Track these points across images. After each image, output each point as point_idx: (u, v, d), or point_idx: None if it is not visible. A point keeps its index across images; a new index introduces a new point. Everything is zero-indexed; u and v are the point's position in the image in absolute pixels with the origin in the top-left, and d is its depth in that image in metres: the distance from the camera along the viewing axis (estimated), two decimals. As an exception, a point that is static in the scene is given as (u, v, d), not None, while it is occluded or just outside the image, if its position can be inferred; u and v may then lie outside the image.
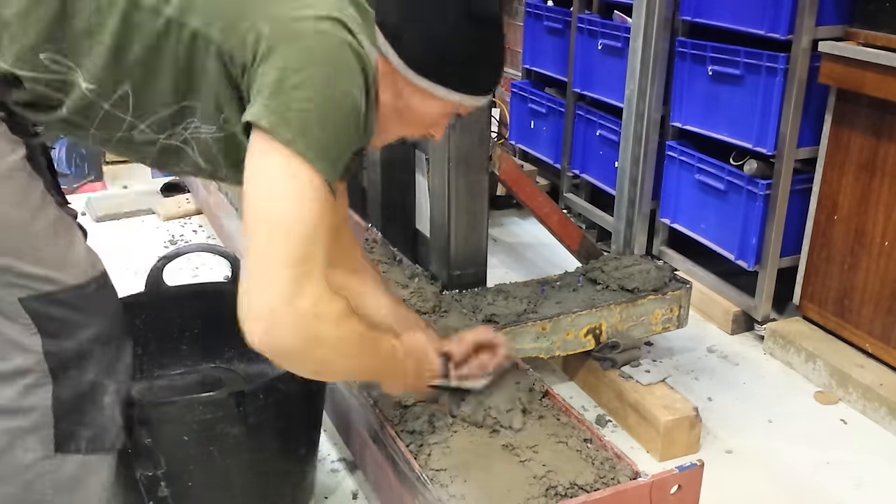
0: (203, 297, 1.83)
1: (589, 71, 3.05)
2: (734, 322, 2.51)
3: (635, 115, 2.28)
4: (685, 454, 1.93)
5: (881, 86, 2.00)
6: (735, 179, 2.43)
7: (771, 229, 2.35)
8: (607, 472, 1.37)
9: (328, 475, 1.85)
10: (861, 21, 2.12)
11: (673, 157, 2.67)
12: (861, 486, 1.87)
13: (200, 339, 1.85)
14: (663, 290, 2.15)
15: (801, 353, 2.29)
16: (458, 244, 2.08)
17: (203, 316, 1.83)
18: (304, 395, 1.56)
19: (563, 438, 1.47)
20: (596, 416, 2.07)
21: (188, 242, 3.14)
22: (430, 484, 1.36)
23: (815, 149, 2.29)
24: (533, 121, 3.49)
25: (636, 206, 2.38)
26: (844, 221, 2.22)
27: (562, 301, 2.08)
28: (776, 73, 2.23)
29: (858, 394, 2.12)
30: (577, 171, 3.23)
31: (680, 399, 1.97)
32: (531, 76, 3.54)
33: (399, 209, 2.52)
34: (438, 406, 1.55)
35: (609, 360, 2.08)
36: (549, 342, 2.02)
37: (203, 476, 1.47)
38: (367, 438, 1.61)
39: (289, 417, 1.55)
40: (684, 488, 1.35)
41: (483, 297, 2.06)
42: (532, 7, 3.38)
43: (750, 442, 2.01)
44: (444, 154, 2.01)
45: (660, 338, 2.39)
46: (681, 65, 2.58)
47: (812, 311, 2.37)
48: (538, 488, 1.34)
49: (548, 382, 1.67)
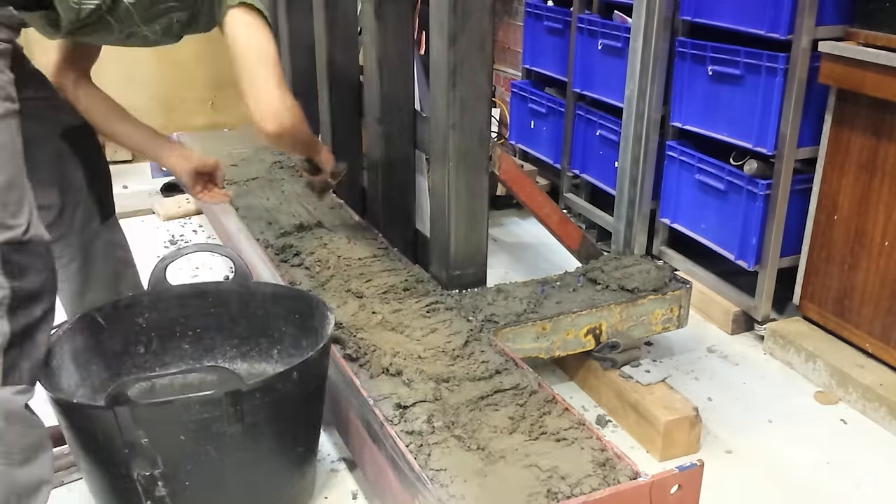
0: (205, 297, 1.84)
1: (589, 71, 3.05)
2: (734, 322, 2.51)
3: (635, 115, 2.28)
4: (685, 454, 1.93)
5: (881, 86, 2.00)
6: (735, 179, 2.43)
7: (771, 229, 2.35)
8: (607, 472, 1.37)
9: (328, 475, 1.85)
10: (861, 21, 2.12)
11: (673, 157, 2.67)
12: (861, 486, 1.87)
13: (202, 338, 1.86)
14: (663, 290, 2.15)
15: (801, 353, 2.29)
16: (458, 244, 2.08)
17: (205, 315, 1.84)
18: (301, 394, 1.56)
19: (563, 438, 1.47)
20: (596, 416, 2.07)
21: (188, 242, 3.14)
22: (430, 484, 1.36)
23: (815, 149, 2.29)
24: (533, 121, 3.49)
25: (636, 206, 2.38)
26: (844, 221, 2.22)
27: (562, 301, 2.08)
28: (776, 73, 2.23)
29: (858, 394, 2.13)
30: (577, 171, 3.23)
31: (680, 399, 1.97)
32: (531, 76, 3.55)
33: (399, 209, 2.52)
34: None
35: (609, 360, 2.08)
36: (549, 342, 2.02)
37: (200, 475, 1.48)
38: (367, 438, 1.61)
39: (287, 417, 1.55)
40: (684, 488, 1.35)
41: (483, 297, 2.06)
42: (532, 7, 3.38)
43: (750, 442, 2.01)
44: (444, 154, 2.01)
45: (660, 338, 2.39)
46: (681, 65, 2.58)
47: (812, 311, 2.37)
48: (538, 488, 1.34)
49: (548, 382, 1.67)
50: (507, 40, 4.01)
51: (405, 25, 2.34)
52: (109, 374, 1.72)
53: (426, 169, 2.50)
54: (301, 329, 1.82)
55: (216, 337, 1.87)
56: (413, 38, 2.44)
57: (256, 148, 3.27)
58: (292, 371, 1.51)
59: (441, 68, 1.95)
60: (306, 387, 1.57)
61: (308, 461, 1.68)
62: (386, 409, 1.56)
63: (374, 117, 2.42)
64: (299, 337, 1.83)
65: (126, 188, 3.69)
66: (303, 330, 1.82)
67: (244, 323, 1.87)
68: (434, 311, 1.95)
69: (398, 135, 2.43)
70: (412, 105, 2.44)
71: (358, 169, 2.80)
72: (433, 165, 2.12)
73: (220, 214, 2.77)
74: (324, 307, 1.74)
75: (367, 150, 2.56)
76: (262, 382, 1.47)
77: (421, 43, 3.21)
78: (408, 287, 2.05)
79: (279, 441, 1.56)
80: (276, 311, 1.85)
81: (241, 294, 1.85)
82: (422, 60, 2.61)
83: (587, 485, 1.34)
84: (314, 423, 1.68)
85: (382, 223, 2.50)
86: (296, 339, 1.84)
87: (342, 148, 2.77)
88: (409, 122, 2.43)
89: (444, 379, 1.66)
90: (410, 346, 1.78)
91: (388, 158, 2.44)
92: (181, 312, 1.83)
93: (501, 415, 1.55)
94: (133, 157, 4.13)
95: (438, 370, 1.69)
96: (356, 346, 1.77)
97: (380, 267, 2.16)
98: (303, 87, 3.09)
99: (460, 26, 1.89)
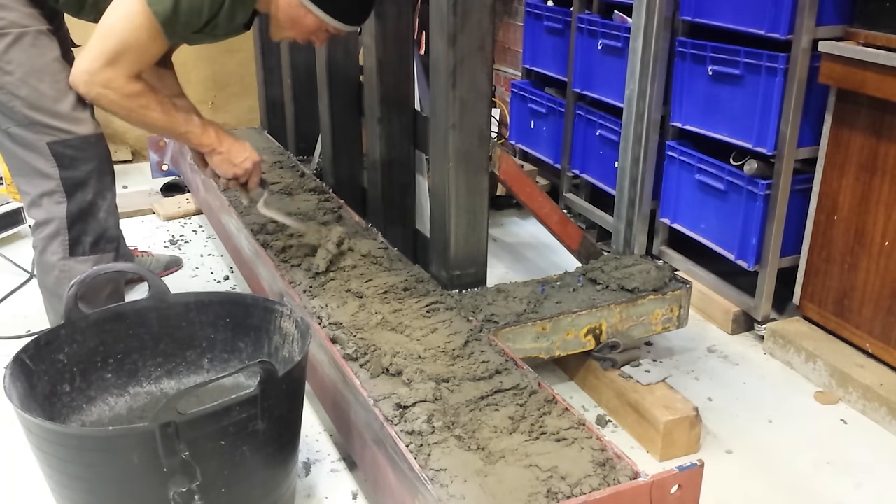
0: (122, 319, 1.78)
1: (589, 71, 3.05)
2: (734, 322, 2.51)
3: (635, 115, 2.28)
4: (685, 454, 1.93)
5: (881, 86, 2.00)
6: (735, 179, 2.43)
7: (771, 229, 2.35)
8: (607, 472, 1.37)
9: (328, 475, 1.85)
10: (861, 21, 2.12)
11: (673, 157, 2.67)
12: (861, 486, 1.87)
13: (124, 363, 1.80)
14: (663, 290, 2.15)
15: (801, 353, 2.29)
16: (458, 244, 2.08)
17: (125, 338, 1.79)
18: (303, 379, 1.60)
19: (563, 438, 1.47)
20: (596, 416, 2.07)
21: (188, 242, 3.14)
22: (430, 484, 1.36)
23: (815, 149, 2.29)
24: (533, 121, 3.49)
25: (636, 206, 2.38)
26: (844, 221, 2.22)
27: (562, 301, 2.08)
28: (776, 73, 2.23)
29: (858, 394, 2.12)
30: (577, 171, 3.23)
31: (680, 399, 1.97)
32: (531, 76, 3.55)
33: (399, 209, 2.52)
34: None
35: (609, 360, 2.08)
36: (549, 342, 2.02)
37: (235, 479, 1.45)
38: (367, 438, 1.61)
39: (298, 404, 1.57)
40: (684, 488, 1.35)
41: (483, 297, 2.06)
42: (532, 7, 3.38)
43: (750, 442, 2.01)
44: (444, 154, 2.01)
45: (660, 338, 2.39)
46: (681, 65, 2.58)
47: (812, 310, 2.37)
48: (538, 488, 1.34)
49: (548, 382, 1.67)
50: (507, 40, 4.01)
51: (405, 25, 2.34)
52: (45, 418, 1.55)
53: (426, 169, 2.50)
54: (234, 332, 1.81)
55: (138, 360, 1.81)
56: (413, 38, 2.44)
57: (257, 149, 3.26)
58: (305, 360, 1.54)
59: (441, 68, 1.95)
60: (304, 372, 1.59)
61: (297, 447, 1.68)
62: (386, 409, 1.56)
63: (374, 117, 2.42)
64: (233, 340, 1.82)
65: (126, 188, 3.69)
66: (237, 332, 1.81)
67: (167, 339, 1.82)
68: (434, 311, 1.94)
69: (398, 135, 2.43)
70: (412, 105, 2.44)
71: (358, 169, 2.80)
72: (433, 165, 2.12)
73: (220, 214, 2.77)
74: (265, 302, 1.75)
75: (367, 150, 2.56)
76: (286, 373, 1.47)
77: (421, 43, 3.21)
78: (408, 287, 2.05)
79: (292, 430, 1.57)
80: (201, 319, 1.82)
81: (159, 310, 1.79)
82: (422, 60, 2.61)
83: (587, 485, 1.34)
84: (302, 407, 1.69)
85: (382, 223, 2.50)
86: (229, 342, 1.83)
87: (342, 148, 2.78)
88: (409, 122, 2.43)
89: (444, 379, 1.66)
90: (410, 346, 1.78)
91: (388, 158, 2.44)
92: (100, 340, 1.74)
93: (501, 415, 1.55)
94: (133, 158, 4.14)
95: (438, 370, 1.69)
96: (356, 346, 1.77)
97: (380, 267, 2.16)
98: (303, 87, 3.09)
99: (460, 26, 1.89)
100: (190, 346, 1.84)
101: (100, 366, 1.76)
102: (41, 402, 1.59)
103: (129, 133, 4.07)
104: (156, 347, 1.82)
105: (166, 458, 1.34)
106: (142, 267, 1.80)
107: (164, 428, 1.32)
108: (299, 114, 3.18)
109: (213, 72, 4.18)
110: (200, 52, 4.04)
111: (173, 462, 1.35)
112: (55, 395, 1.65)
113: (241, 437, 1.42)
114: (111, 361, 1.77)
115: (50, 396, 1.64)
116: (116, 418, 1.74)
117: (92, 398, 1.74)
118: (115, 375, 1.78)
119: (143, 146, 3.86)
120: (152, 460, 1.34)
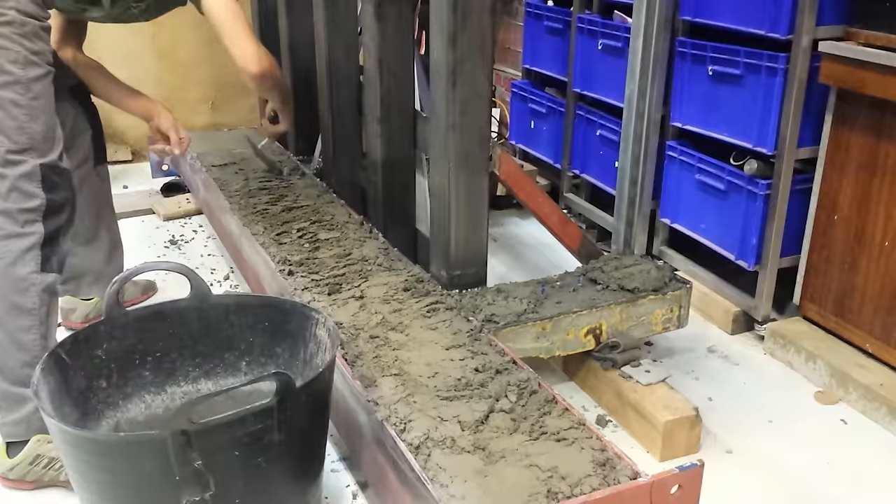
0: (163, 318, 1.78)
1: (589, 71, 3.05)
2: (734, 322, 2.51)
3: (635, 115, 2.28)
4: (685, 454, 1.93)
5: (881, 86, 2.00)
6: (735, 179, 2.43)
7: (771, 229, 2.35)
8: (607, 472, 1.37)
9: (328, 475, 1.85)
10: (861, 21, 2.12)
11: (673, 157, 2.67)
12: (861, 486, 1.87)
13: (162, 362, 1.79)
14: (663, 290, 2.15)
15: (801, 353, 2.29)
16: (458, 244, 2.08)
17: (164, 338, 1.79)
18: (327, 389, 1.56)
19: (563, 438, 1.47)
20: (596, 416, 2.07)
21: (188, 242, 3.14)
22: (430, 484, 1.36)
23: (815, 149, 2.29)
24: (533, 121, 3.49)
25: (636, 206, 2.38)
26: (844, 221, 2.22)
27: (562, 301, 2.08)
28: (776, 73, 2.23)
29: (858, 394, 2.12)
30: (577, 171, 3.23)
31: (680, 399, 1.97)
32: (531, 76, 3.55)
33: (399, 209, 2.52)
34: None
35: (609, 360, 2.08)
36: (549, 342, 2.02)
37: (250, 490, 1.42)
38: (368, 438, 1.61)
39: (319, 414, 1.53)
40: (684, 488, 1.35)
41: (483, 297, 2.06)
42: (532, 7, 3.38)
43: (750, 442, 2.01)
44: (444, 154, 2.01)
45: (660, 338, 2.39)
46: (681, 65, 2.58)
47: (812, 310, 2.37)
48: (538, 488, 1.34)
49: (548, 382, 1.67)
50: (507, 40, 4.01)
51: (405, 25, 2.34)
52: (78, 414, 1.60)
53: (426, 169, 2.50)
54: (273, 336, 1.79)
55: (177, 359, 1.79)
56: (413, 38, 2.44)
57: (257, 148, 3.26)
58: (328, 372, 1.50)
59: (441, 68, 1.95)
60: (329, 381, 1.56)
61: (321, 460, 1.64)
62: (386, 410, 1.56)
63: (374, 117, 2.42)
64: (271, 345, 1.80)
65: (126, 188, 3.69)
66: (275, 337, 1.78)
67: (206, 340, 1.80)
68: (434, 311, 1.94)
69: (398, 135, 2.43)
70: (412, 105, 2.44)
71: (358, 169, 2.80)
72: (433, 166, 2.12)
73: (221, 214, 2.77)
74: (302, 309, 1.72)
75: (367, 150, 2.56)
76: (305, 384, 1.43)
77: (421, 43, 3.21)
78: (408, 287, 2.05)
79: (314, 442, 1.54)
80: (241, 322, 1.80)
81: (200, 311, 1.78)
82: (422, 60, 2.61)
83: (587, 485, 1.34)
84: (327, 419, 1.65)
85: (382, 223, 2.49)
86: (267, 347, 1.81)
87: (342, 148, 2.78)
88: (409, 122, 2.43)
89: (444, 379, 1.65)
90: (411, 346, 1.78)
91: (388, 158, 2.44)
92: (139, 338, 1.74)
93: (501, 415, 1.55)
94: (133, 158, 4.13)
95: (438, 370, 1.68)
96: (356, 347, 1.77)
97: (380, 267, 2.16)
98: (303, 87, 3.09)
99: (460, 26, 1.89)
100: (228, 348, 1.82)
101: (138, 363, 1.75)
102: (75, 397, 1.60)
103: (129, 133, 4.07)
104: (194, 347, 1.80)
105: (179, 467, 1.32)
106: (185, 266, 1.79)
107: (177, 436, 1.29)
108: (299, 114, 3.18)
109: (214, 72, 4.18)
110: (201, 52, 4.04)
111: (186, 471, 1.33)
112: (90, 391, 1.65)
113: (256, 448, 1.38)
114: (149, 359, 1.76)
115: (85, 391, 1.64)
116: (152, 416, 1.73)
117: (128, 395, 1.73)
118: (153, 373, 1.77)
119: (143, 146, 3.86)
120: (165, 468, 1.32)
